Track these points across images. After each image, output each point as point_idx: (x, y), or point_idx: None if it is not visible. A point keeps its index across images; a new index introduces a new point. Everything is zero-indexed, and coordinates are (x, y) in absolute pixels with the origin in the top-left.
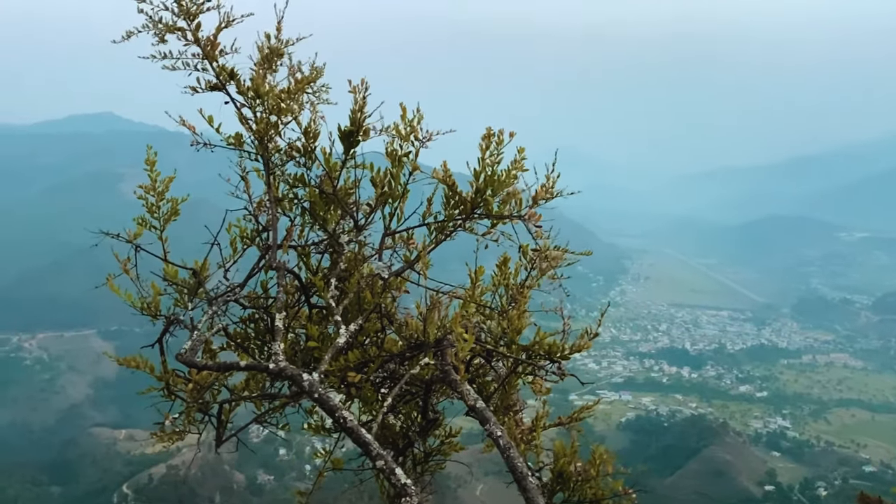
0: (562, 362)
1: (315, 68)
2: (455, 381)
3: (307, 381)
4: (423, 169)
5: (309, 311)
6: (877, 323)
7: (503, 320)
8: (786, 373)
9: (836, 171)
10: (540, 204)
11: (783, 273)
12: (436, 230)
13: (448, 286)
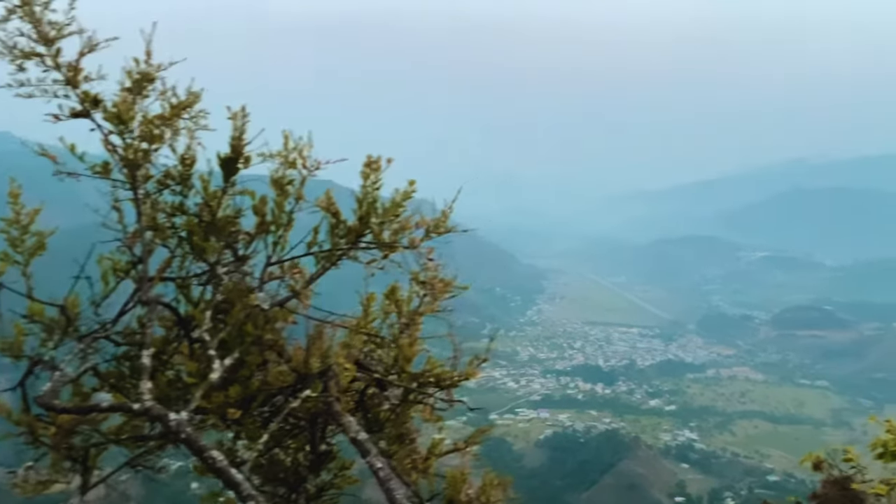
0: (451, 389)
1: (192, 93)
2: (337, 413)
3: (174, 421)
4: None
5: (190, 346)
6: (775, 337)
7: (394, 349)
8: (692, 386)
9: (739, 192)
10: (433, 237)
11: (688, 291)
12: (323, 259)
13: (337, 315)
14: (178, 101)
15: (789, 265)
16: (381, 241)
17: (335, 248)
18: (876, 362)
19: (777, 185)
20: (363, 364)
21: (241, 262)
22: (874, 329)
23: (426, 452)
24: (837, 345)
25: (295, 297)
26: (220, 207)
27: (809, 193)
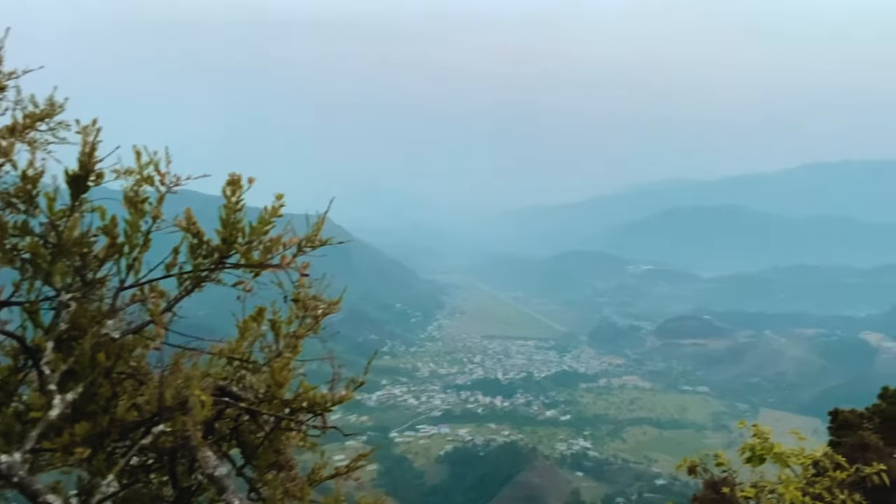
0: (325, 415)
1: (52, 103)
2: (194, 448)
3: (4, 464)
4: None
5: (39, 377)
6: (660, 346)
7: (265, 375)
8: (586, 396)
9: (625, 209)
10: (306, 251)
11: (582, 303)
12: (185, 281)
13: (204, 341)
14: (31, 113)
15: (671, 278)
16: (250, 260)
17: (197, 269)
18: (750, 368)
19: (659, 202)
20: (231, 392)
21: (89, 288)
22: (748, 336)
23: (306, 479)
24: (716, 352)
25: (152, 323)
26: (68, 228)
27: (687, 211)
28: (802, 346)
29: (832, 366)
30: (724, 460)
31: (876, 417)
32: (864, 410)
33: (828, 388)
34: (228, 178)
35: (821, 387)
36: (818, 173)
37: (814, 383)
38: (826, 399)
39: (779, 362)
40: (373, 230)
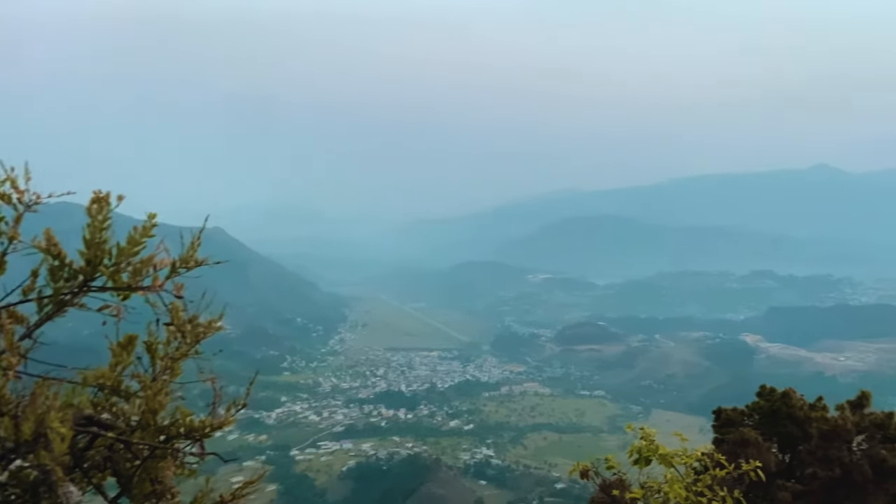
0: (203, 441)
1: None
2: (54, 484)
3: None
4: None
5: None
6: (559, 353)
7: (138, 401)
8: (488, 404)
9: (524, 220)
10: (181, 272)
11: (483, 313)
12: (48, 306)
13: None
14: None
15: (568, 286)
16: (118, 283)
17: (58, 293)
18: (642, 371)
19: (552, 213)
20: (100, 421)
21: None
22: (640, 341)
23: None
24: (611, 356)
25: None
26: None
27: (579, 221)
28: (689, 349)
29: (716, 366)
30: (614, 463)
31: (755, 414)
32: (744, 408)
33: (713, 388)
34: (93, 195)
35: (706, 387)
36: (704, 184)
37: (700, 384)
38: (711, 398)
39: (668, 365)
40: (271, 242)
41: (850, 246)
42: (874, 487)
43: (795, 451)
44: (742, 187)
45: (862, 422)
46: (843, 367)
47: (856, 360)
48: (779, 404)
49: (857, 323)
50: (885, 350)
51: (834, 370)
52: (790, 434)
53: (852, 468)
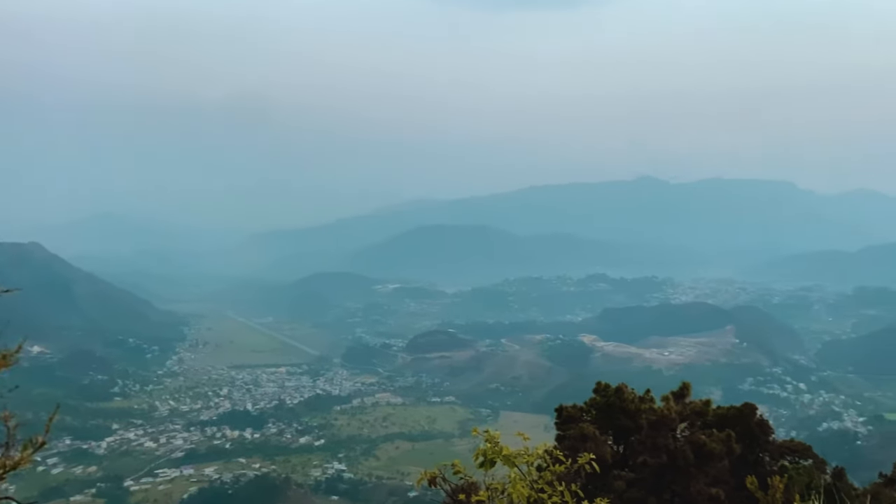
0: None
1: None
2: None
3: None
4: None
5: None
6: (410, 362)
7: None
8: (340, 418)
9: (372, 230)
10: None
11: (333, 325)
12: None
13: None
14: None
15: (418, 294)
16: None
17: None
18: (490, 374)
19: (404, 223)
20: None
21: None
22: (487, 346)
23: None
24: (461, 362)
25: None
26: None
27: (431, 230)
28: (533, 351)
29: (558, 366)
30: (460, 468)
31: (592, 410)
32: (583, 405)
33: (555, 387)
34: None
35: (549, 386)
36: (544, 194)
37: (543, 384)
38: (554, 397)
39: (514, 367)
40: (100, 258)
41: (670, 250)
42: (696, 470)
43: (629, 441)
44: (576, 197)
45: (684, 410)
46: (668, 361)
47: (678, 354)
48: (613, 399)
49: (678, 320)
50: (702, 344)
51: (660, 364)
52: (624, 426)
53: (677, 454)
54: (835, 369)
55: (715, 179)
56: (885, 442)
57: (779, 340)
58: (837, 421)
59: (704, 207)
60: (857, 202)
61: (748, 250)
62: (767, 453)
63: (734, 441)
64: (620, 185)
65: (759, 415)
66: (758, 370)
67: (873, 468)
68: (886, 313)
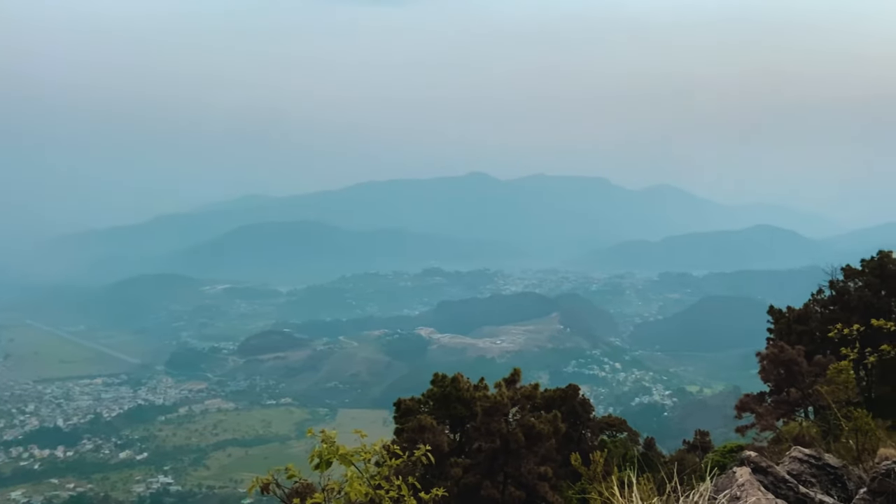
0: None
1: None
2: None
3: None
4: None
5: None
6: (243, 365)
7: None
8: (164, 429)
9: (197, 228)
10: None
11: (156, 331)
12: None
13: None
14: None
15: (250, 294)
16: None
17: None
18: (328, 373)
19: (233, 220)
20: None
21: None
22: (325, 344)
23: None
24: (297, 362)
25: None
26: None
27: (261, 227)
28: (371, 347)
29: (396, 361)
30: (294, 472)
31: (430, 401)
32: (420, 396)
33: (394, 382)
34: None
35: (388, 381)
36: (375, 190)
37: (382, 379)
38: (393, 391)
39: (352, 364)
40: None
41: (501, 243)
42: (526, 451)
43: (465, 429)
44: (409, 193)
45: (515, 395)
46: (500, 349)
47: (509, 343)
48: (449, 389)
49: (509, 309)
50: (531, 331)
51: (493, 353)
52: (460, 414)
53: (509, 437)
54: (645, 348)
55: (539, 176)
56: (687, 412)
57: (598, 324)
58: (648, 395)
59: (530, 202)
60: (660, 197)
61: (569, 241)
62: (589, 429)
63: (560, 421)
64: (452, 180)
65: (581, 395)
66: (580, 353)
67: (678, 436)
68: (686, 296)
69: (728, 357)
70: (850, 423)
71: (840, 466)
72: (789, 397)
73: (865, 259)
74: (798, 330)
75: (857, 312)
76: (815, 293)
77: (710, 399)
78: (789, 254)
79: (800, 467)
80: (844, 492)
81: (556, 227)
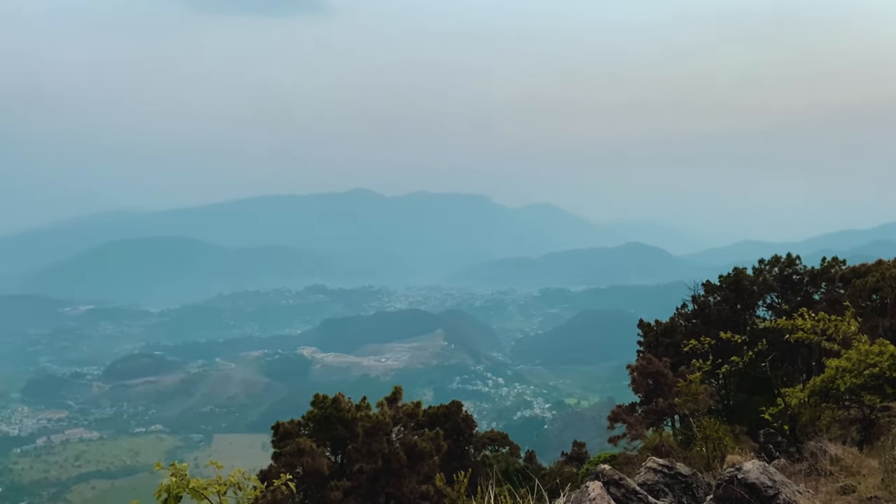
0: None
1: None
2: None
3: None
4: None
5: None
6: (108, 391)
7: None
8: (20, 462)
9: (53, 247)
10: None
11: (11, 355)
12: None
13: None
14: None
15: (116, 315)
16: None
17: None
18: (203, 397)
19: (97, 236)
20: None
21: None
22: (200, 366)
23: None
24: (169, 387)
25: None
26: None
27: (130, 243)
28: (250, 368)
29: (276, 382)
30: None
31: (310, 423)
32: (300, 419)
33: (273, 403)
34: None
35: (267, 403)
36: (254, 205)
37: (261, 401)
38: (272, 414)
39: (229, 387)
40: None
41: (384, 260)
42: (409, 470)
43: (346, 450)
44: (292, 208)
45: (397, 414)
46: (384, 367)
47: (393, 360)
48: (330, 410)
49: (394, 327)
50: (415, 348)
51: (377, 371)
52: (341, 436)
53: (391, 457)
54: (526, 363)
55: (420, 193)
56: (566, 424)
57: (481, 340)
58: (529, 409)
59: (413, 219)
60: (539, 215)
61: (452, 258)
62: (472, 445)
63: (442, 438)
64: (335, 196)
65: (464, 411)
66: (464, 369)
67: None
68: (565, 311)
69: (603, 369)
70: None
71: (690, 475)
72: (657, 407)
73: (723, 275)
74: (665, 343)
75: (717, 325)
76: (680, 307)
77: (586, 411)
78: (657, 270)
79: (654, 477)
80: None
81: (439, 244)
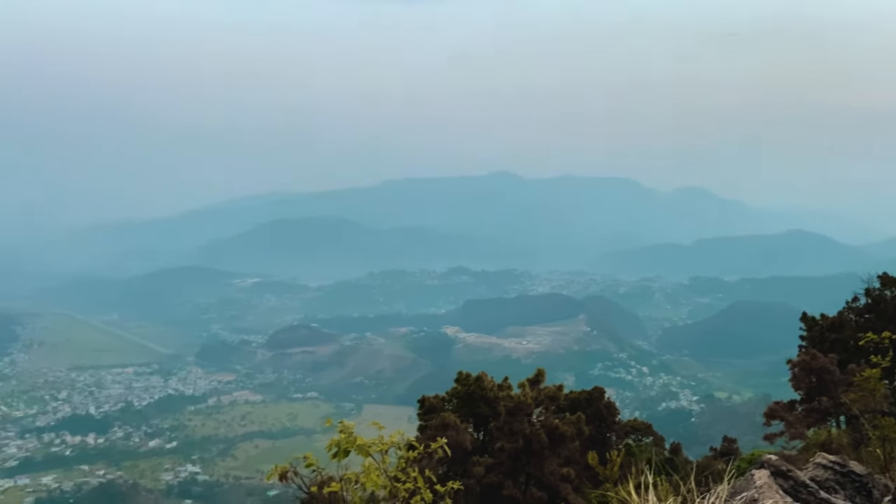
0: None
1: None
2: None
3: None
4: None
5: None
6: (270, 358)
7: None
8: (193, 419)
9: (225, 223)
10: None
11: (186, 322)
12: None
13: None
14: None
15: (278, 289)
16: None
17: None
18: (354, 369)
19: (260, 215)
20: None
21: None
22: (352, 340)
23: None
24: (324, 357)
25: None
26: None
27: (290, 223)
28: (397, 344)
29: (421, 358)
30: (312, 461)
31: (454, 399)
32: (444, 395)
33: (418, 379)
34: None
35: (413, 378)
36: (400, 187)
37: (407, 376)
38: (417, 389)
39: (378, 360)
40: None
41: (527, 243)
42: (549, 452)
43: (488, 428)
44: (436, 190)
45: (539, 396)
46: (525, 350)
47: (535, 343)
48: (473, 388)
49: (535, 310)
50: (557, 332)
51: (518, 353)
52: (483, 413)
53: (532, 438)
54: (673, 353)
55: (566, 177)
56: (715, 419)
57: (625, 327)
58: (675, 400)
59: (557, 203)
60: (691, 200)
61: (596, 243)
62: (614, 433)
63: (584, 423)
64: (478, 179)
65: (606, 398)
66: (606, 356)
67: (705, 443)
68: (717, 301)
69: (758, 364)
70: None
71: (865, 474)
72: (820, 406)
73: None
74: (831, 338)
75: (894, 322)
76: (850, 301)
77: (738, 406)
78: (823, 260)
79: (823, 473)
80: (869, 500)
81: (583, 229)
